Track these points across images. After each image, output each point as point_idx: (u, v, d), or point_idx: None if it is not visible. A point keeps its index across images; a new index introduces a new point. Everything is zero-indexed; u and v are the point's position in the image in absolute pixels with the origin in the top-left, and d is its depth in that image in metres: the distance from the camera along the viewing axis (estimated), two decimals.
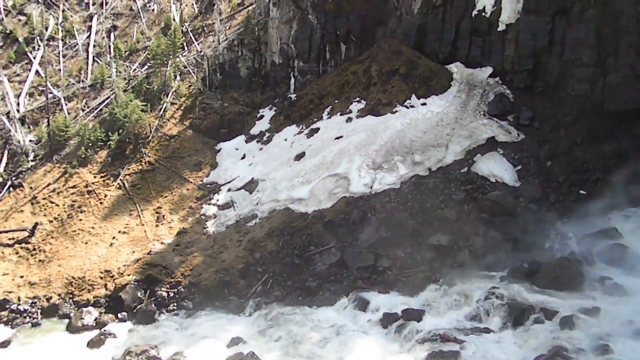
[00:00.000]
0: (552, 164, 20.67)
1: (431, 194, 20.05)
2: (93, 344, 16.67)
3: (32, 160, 25.47)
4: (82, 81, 29.36)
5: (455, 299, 16.15)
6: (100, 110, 27.65)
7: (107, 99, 27.97)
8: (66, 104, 28.04)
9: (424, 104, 23.28)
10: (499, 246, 18.23)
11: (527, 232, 18.47)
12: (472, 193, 19.91)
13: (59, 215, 22.76)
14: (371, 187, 20.52)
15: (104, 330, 17.21)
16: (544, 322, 14.30)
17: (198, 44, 30.38)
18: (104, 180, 24.25)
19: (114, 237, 21.52)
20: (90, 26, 32.27)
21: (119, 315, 18.17)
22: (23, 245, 21.47)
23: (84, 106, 28.12)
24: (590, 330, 13.77)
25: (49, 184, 24.16)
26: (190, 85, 28.27)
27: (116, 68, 29.10)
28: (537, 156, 21.00)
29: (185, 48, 30.14)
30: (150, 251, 20.59)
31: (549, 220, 18.92)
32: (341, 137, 22.94)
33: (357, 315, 16.59)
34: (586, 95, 21.54)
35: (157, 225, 22.12)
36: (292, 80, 27.84)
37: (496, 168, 20.67)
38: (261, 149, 25.14)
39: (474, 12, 23.89)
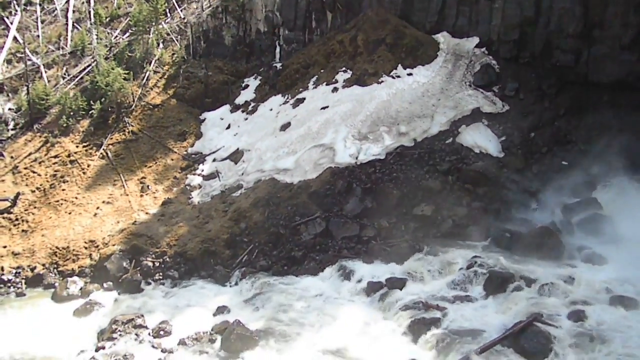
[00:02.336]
0: (535, 135, 20.86)
1: (416, 165, 20.16)
2: (79, 312, 16.72)
3: (12, 129, 24.95)
4: (62, 48, 28.61)
5: (438, 268, 16.41)
6: (81, 78, 27.05)
7: (88, 66, 27.33)
8: (46, 72, 27.37)
9: (410, 74, 23.19)
10: (481, 216, 18.51)
11: (509, 202, 18.75)
12: (457, 164, 20.06)
13: (41, 185, 22.48)
14: (356, 158, 20.55)
15: (90, 300, 17.23)
16: (523, 290, 14.63)
17: (181, 10, 29.68)
18: (86, 150, 23.93)
19: (97, 207, 21.36)
20: None
21: (105, 285, 18.17)
22: (5, 215, 21.17)
23: (65, 74, 27.48)
24: (568, 297, 14.15)
25: (30, 154, 23.77)
26: (173, 54, 27.72)
27: (97, 35, 28.36)
28: (521, 127, 21.14)
29: (168, 15, 29.43)
30: (135, 221, 20.53)
31: (531, 191, 19.20)
32: (327, 107, 22.82)
33: (341, 284, 16.79)
34: (570, 66, 21.63)
35: (141, 196, 21.99)
36: (278, 49, 27.44)
37: (481, 139, 20.80)
38: (246, 119, 24.93)
39: None
